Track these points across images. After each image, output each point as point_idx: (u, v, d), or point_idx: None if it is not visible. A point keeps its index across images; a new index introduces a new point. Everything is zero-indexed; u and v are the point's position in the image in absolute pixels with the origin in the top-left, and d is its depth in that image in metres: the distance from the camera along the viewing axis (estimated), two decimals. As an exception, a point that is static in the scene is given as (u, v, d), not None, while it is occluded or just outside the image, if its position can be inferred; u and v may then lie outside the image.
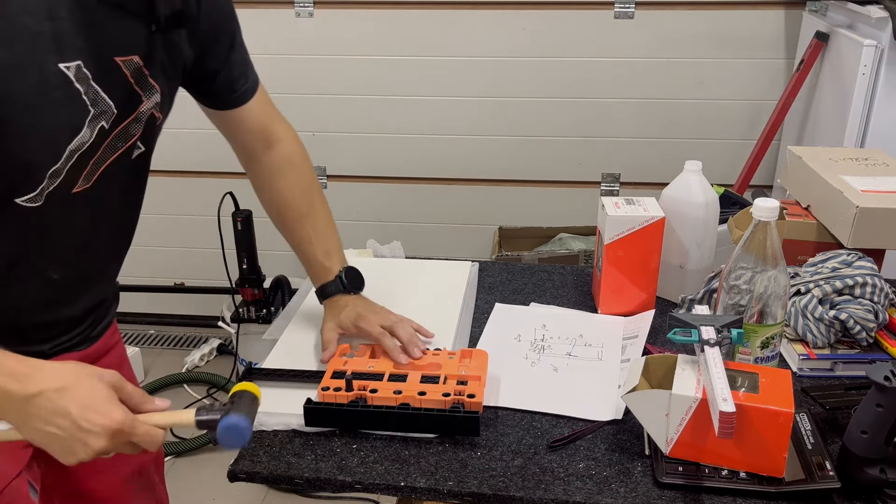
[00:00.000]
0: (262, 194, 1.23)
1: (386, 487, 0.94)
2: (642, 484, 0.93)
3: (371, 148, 2.77)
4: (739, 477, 0.92)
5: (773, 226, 1.01)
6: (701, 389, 0.91)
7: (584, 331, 1.27)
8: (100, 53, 0.85)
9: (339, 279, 1.20)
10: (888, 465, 0.89)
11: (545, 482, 0.93)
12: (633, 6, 2.52)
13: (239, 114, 1.15)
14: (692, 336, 0.96)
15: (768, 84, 2.57)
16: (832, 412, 1.05)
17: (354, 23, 2.61)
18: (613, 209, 1.27)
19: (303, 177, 1.23)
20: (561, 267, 1.53)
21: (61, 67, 0.81)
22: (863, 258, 1.19)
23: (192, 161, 2.75)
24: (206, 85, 1.10)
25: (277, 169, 1.21)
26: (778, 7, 2.49)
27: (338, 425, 1.02)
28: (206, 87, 1.10)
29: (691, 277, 1.33)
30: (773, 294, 1.02)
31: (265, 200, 1.24)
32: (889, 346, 1.14)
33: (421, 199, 2.83)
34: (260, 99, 1.17)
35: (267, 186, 1.22)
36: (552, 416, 1.06)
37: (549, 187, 2.78)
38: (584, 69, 2.60)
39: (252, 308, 2.49)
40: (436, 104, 2.69)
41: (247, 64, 1.14)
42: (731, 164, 2.64)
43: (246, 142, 1.19)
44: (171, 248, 2.94)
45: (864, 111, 2.04)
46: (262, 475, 0.97)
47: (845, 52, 2.12)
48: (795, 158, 1.43)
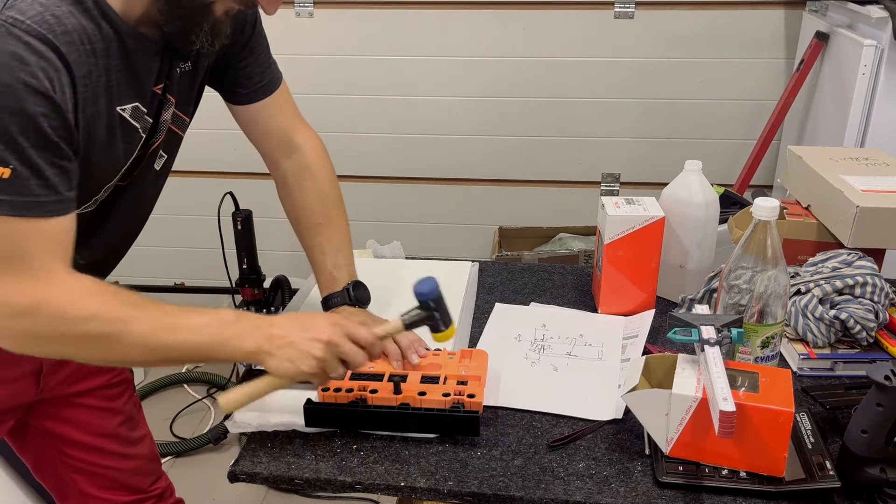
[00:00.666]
0: (282, 199, 1.27)
1: (386, 487, 0.94)
2: (642, 483, 0.93)
3: (371, 148, 2.77)
4: (739, 476, 0.92)
5: (774, 225, 1.01)
6: (701, 389, 0.91)
7: (584, 331, 1.27)
8: (145, 90, 1.00)
9: (346, 291, 1.20)
10: (888, 465, 0.89)
11: (545, 482, 0.93)
12: (633, 6, 2.52)
13: (256, 113, 1.20)
14: (692, 335, 0.96)
15: (768, 84, 2.57)
16: (832, 412, 1.05)
17: (354, 23, 2.61)
18: (613, 209, 1.27)
19: (321, 185, 1.25)
20: (561, 267, 1.53)
21: (119, 111, 0.97)
22: (863, 258, 1.19)
23: (192, 161, 2.75)
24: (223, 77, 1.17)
25: (296, 176, 1.24)
26: (778, 7, 2.49)
27: (338, 425, 1.03)
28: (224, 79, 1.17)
29: (691, 277, 1.33)
30: (773, 294, 1.02)
31: (284, 206, 1.27)
32: (889, 345, 1.14)
33: (421, 199, 2.83)
34: (281, 103, 1.22)
35: (285, 193, 1.26)
36: (552, 415, 1.06)
37: (549, 187, 2.78)
38: (584, 69, 2.60)
39: (252, 308, 2.48)
40: (436, 104, 2.69)
41: (267, 62, 1.20)
42: (731, 164, 2.64)
43: (266, 145, 1.24)
44: (171, 248, 2.94)
45: (864, 111, 2.04)
46: (262, 475, 0.97)
47: (845, 52, 2.12)
48: (796, 158, 1.43)
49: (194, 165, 2.78)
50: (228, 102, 1.22)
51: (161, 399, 2.66)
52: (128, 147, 1.01)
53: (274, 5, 0.98)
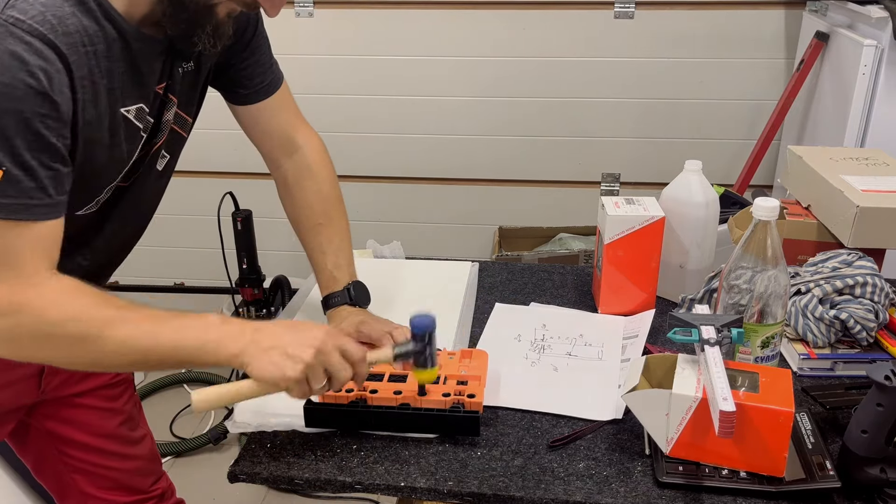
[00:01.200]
0: (282, 199, 1.27)
1: (386, 487, 0.94)
2: (642, 483, 0.93)
3: (371, 148, 2.77)
4: (739, 476, 0.92)
5: (774, 225, 1.01)
6: (701, 389, 0.91)
7: (584, 330, 1.27)
8: (148, 90, 1.00)
9: (346, 291, 1.20)
10: (888, 465, 0.89)
11: (545, 482, 0.93)
12: (633, 6, 2.52)
13: (257, 113, 1.20)
14: (692, 336, 0.96)
15: (768, 84, 2.57)
16: (832, 412, 1.05)
17: (354, 23, 2.61)
18: (613, 209, 1.27)
19: (322, 186, 1.26)
20: (561, 267, 1.53)
21: (123, 112, 0.97)
22: (863, 258, 1.19)
23: (193, 161, 2.74)
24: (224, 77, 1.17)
25: (297, 176, 1.25)
26: (778, 7, 2.49)
27: (338, 425, 1.03)
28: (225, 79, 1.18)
29: (691, 277, 1.33)
30: (773, 294, 1.02)
31: (285, 205, 1.27)
32: (889, 345, 1.14)
33: (421, 199, 2.83)
34: (282, 103, 1.23)
35: (286, 193, 1.26)
36: (552, 415, 1.06)
37: (549, 187, 2.78)
38: (584, 69, 2.60)
39: (252, 308, 2.48)
40: (435, 104, 2.69)
41: (268, 63, 1.20)
42: (731, 164, 2.63)
43: (267, 145, 1.24)
44: (171, 247, 2.94)
45: (864, 111, 2.04)
46: (262, 475, 0.97)
47: (845, 52, 2.12)
48: (796, 158, 1.43)
49: (194, 165, 2.77)
50: (229, 102, 1.22)
51: (161, 399, 2.66)
52: (130, 147, 1.01)
53: (276, 8, 0.97)
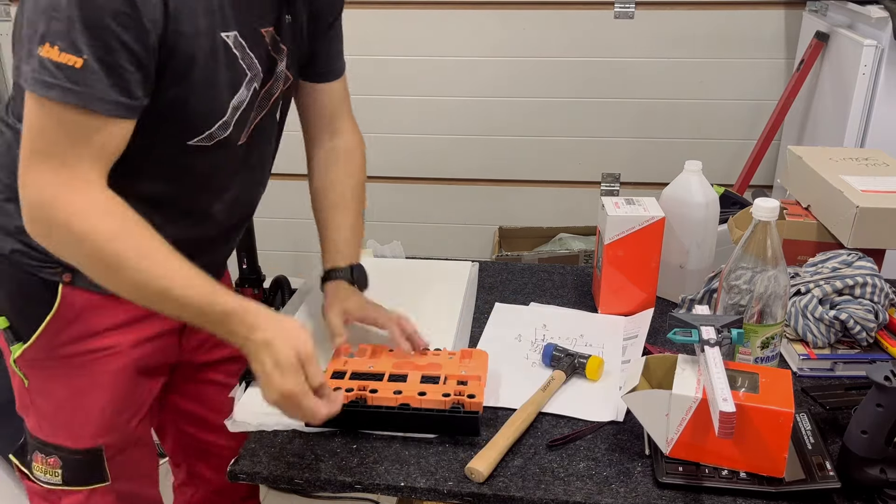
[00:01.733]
0: (312, 179, 1.29)
1: (386, 487, 0.94)
2: (642, 484, 0.93)
3: (371, 148, 2.75)
4: (739, 477, 0.92)
5: (773, 226, 1.01)
6: (701, 389, 0.91)
7: (584, 331, 1.27)
8: (250, 25, 1.01)
9: (349, 268, 1.21)
10: (888, 465, 0.89)
11: (545, 482, 0.93)
12: (633, 6, 2.52)
13: (320, 93, 1.26)
14: (692, 336, 0.96)
15: (768, 84, 2.57)
16: (832, 412, 1.05)
17: (353, 23, 2.60)
18: (613, 209, 1.27)
19: (353, 170, 1.29)
20: (561, 267, 1.53)
21: (223, 36, 0.97)
22: (863, 258, 1.19)
23: (192, 161, 2.75)
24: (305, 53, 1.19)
25: (333, 157, 1.29)
26: (778, 7, 2.49)
27: (338, 425, 1.02)
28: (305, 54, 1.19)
29: (691, 277, 1.33)
30: (773, 294, 1.02)
31: (312, 185, 1.29)
32: (889, 346, 1.14)
33: (421, 199, 2.83)
34: (342, 91, 1.30)
35: (317, 168, 1.29)
36: (552, 415, 1.06)
37: (549, 187, 2.78)
38: (584, 69, 2.60)
39: (252, 308, 2.48)
40: (435, 104, 2.69)
41: (341, 50, 1.27)
42: (731, 164, 2.64)
43: (316, 124, 1.28)
44: (171, 248, 2.94)
45: (864, 111, 2.04)
46: (262, 475, 0.97)
47: (845, 52, 2.12)
48: (795, 158, 1.43)
49: (194, 165, 2.78)
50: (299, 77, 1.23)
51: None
52: (233, 78, 1.00)
53: None
